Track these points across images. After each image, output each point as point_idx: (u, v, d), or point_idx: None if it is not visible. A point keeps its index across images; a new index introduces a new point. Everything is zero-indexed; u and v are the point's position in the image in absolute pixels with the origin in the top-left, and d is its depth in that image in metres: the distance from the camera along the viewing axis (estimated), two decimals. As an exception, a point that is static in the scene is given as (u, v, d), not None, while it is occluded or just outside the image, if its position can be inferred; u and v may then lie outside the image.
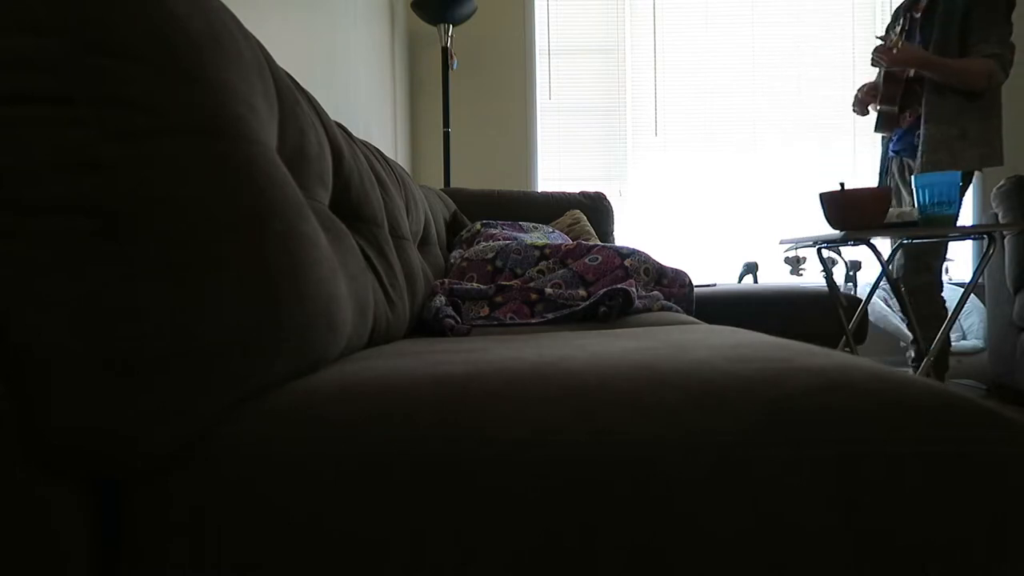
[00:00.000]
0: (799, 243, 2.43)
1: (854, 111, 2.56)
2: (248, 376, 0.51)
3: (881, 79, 2.38)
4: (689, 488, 0.44)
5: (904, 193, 2.49)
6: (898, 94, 2.36)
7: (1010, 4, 2.21)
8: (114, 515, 0.46)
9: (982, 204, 3.50)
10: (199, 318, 0.47)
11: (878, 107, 2.41)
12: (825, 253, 2.52)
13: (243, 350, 0.50)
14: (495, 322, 1.36)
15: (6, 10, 0.44)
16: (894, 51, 2.23)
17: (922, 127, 2.29)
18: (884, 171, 2.57)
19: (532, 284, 1.47)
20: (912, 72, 2.31)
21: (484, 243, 1.68)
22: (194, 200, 0.48)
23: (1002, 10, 2.20)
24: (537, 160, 3.64)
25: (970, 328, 3.31)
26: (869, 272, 3.31)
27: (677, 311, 1.46)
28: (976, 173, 2.33)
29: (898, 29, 2.28)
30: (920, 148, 2.29)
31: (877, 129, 2.49)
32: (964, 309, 3.27)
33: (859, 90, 2.50)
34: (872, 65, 2.35)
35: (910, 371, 2.55)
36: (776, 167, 3.60)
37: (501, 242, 1.65)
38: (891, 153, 2.50)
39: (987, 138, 2.24)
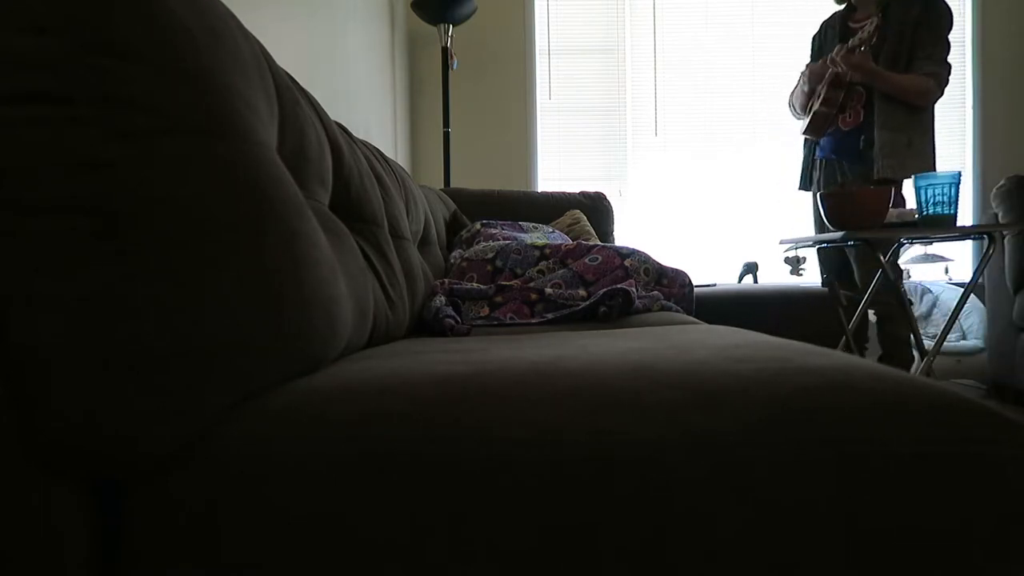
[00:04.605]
0: (799, 243, 2.43)
1: (794, 107, 2.58)
2: (248, 376, 0.51)
3: (827, 83, 2.41)
4: (689, 488, 0.44)
5: None
6: (839, 99, 2.40)
7: (951, 24, 2.31)
8: (114, 515, 0.46)
9: (982, 204, 3.50)
10: (199, 318, 0.47)
11: (815, 108, 2.43)
12: (825, 253, 2.52)
13: (243, 350, 0.50)
14: (495, 322, 1.36)
15: (6, 10, 0.44)
16: (862, 50, 2.26)
17: (876, 133, 2.33)
18: (808, 175, 2.60)
19: (532, 284, 1.47)
20: (852, 78, 2.35)
21: (484, 243, 1.68)
22: (194, 200, 0.48)
23: (945, 30, 2.30)
24: (537, 160, 3.64)
25: (970, 328, 3.31)
26: (869, 272, 3.30)
27: (677, 311, 1.46)
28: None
29: (866, 33, 2.31)
30: (876, 153, 2.33)
31: (807, 131, 2.51)
32: (964, 309, 3.26)
33: (807, 78, 2.48)
34: (827, 64, 2.37)
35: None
36: (776, 167, 3.60)
37: (501, 242, 1.65)
38: (828, 156, 2.51)
39: (927, 150, 2.33)
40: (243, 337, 0.50)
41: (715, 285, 2.41)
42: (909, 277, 3.54)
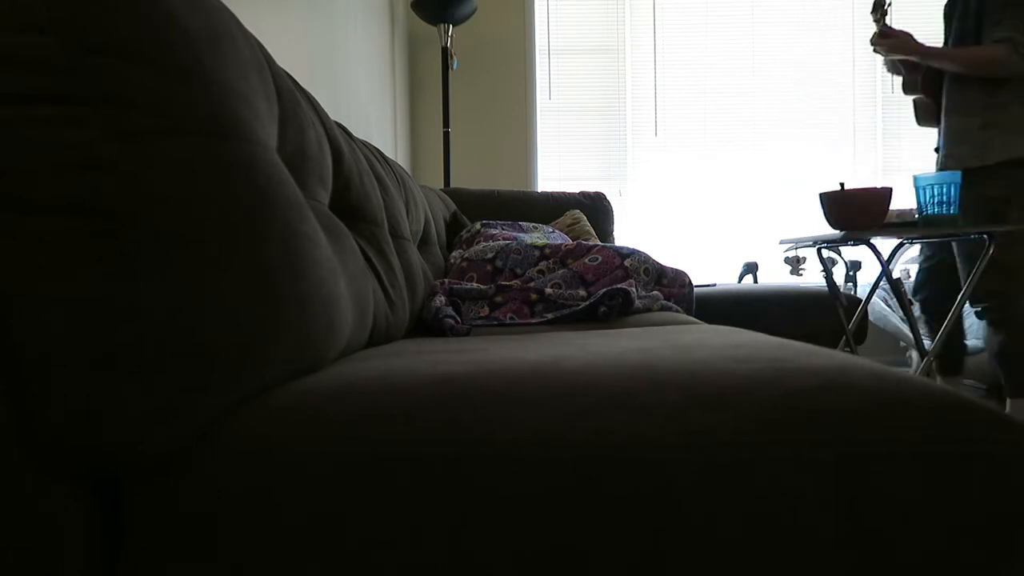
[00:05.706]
0: (799, 243, 2.43)
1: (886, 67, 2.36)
2: (248, 376, 0.51)
3: (903, 65, 2.24)
4: (689, 488, 0.44)
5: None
6: (918, 80, 2.22)
7: None
8: (114, 515, 0.46)
9: (982, 204, 3.50)
10: (199, 318, 0.47)
11: (913, 97, 2.25)
12: (825, 253, 2.52)
13: (243, 350, 0.50)
14: (495, 322, 1.36)
15: (6, 10, 0.44)
16: (884, 22, 2.11)
17: (944, 120, 2.15)
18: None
19: (532, 284, 1.47)
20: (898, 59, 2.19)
21: (484, 243, 1.68)
22: (194, 200, 0.48)
23: None
24: (537, 160, 3.64)
25: (970, 328, 3.30)
26: (869, 272, 3.30)
27: (677, 311, 1.46)
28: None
29: (880, 16, 2.16)
30: (940, 143, 2.16)
31: (918, 121, 2.31)
32: (964, 309, 3.26)
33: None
34: (874, 52, 2.22)
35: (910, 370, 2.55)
36: (776, 167, 3.60)
37: (501, 242, 1.65)
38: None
39: (1017, 128, 2.04)
40: (243, 337, 0.50)
41: (715, 285, 2.41)
42: (909, 277, 3.54)
